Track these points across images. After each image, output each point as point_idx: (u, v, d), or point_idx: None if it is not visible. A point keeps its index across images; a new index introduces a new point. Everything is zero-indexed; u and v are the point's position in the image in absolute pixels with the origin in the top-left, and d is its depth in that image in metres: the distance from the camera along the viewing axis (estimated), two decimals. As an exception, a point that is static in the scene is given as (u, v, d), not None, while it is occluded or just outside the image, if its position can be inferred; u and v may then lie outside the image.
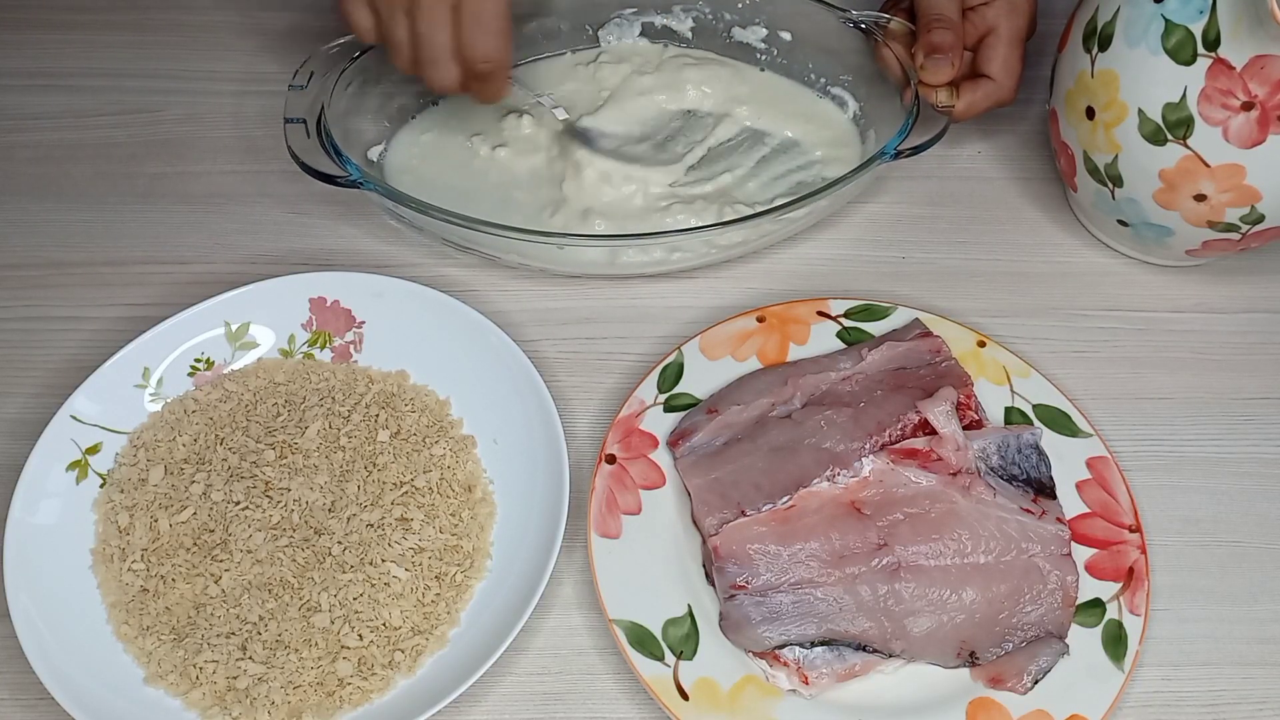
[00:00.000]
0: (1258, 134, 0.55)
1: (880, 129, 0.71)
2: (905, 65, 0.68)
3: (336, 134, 0.64)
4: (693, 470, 0.56)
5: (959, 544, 0.53)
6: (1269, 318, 0.67)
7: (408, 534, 0.55)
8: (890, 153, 0.64)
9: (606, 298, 0.67)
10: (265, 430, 0.58)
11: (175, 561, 0.54)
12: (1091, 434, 0.58)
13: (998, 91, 0.67)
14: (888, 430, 0.56)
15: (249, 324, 0.61)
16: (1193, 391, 0.64)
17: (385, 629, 0.52)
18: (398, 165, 0.71)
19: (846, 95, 0.74)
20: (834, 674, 0.51)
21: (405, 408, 0.60)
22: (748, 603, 0.52)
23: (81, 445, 0.56)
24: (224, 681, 0.51)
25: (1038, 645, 0.51)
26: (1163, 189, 0.60)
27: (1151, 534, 0.57)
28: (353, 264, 0.67)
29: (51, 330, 0.64)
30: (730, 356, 0.61)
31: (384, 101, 0.72)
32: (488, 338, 0.60)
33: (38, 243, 0.69)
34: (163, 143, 0.74)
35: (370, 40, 0.62)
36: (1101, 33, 0.59)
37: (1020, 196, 0.73)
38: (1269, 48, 0.53)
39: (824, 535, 0.53)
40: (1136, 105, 0.58)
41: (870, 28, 0.71)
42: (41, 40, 0.80)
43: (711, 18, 0.77)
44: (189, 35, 0.81)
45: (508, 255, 0.65)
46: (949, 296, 0.67)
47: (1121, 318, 0.67)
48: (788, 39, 0.76)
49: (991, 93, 0.67)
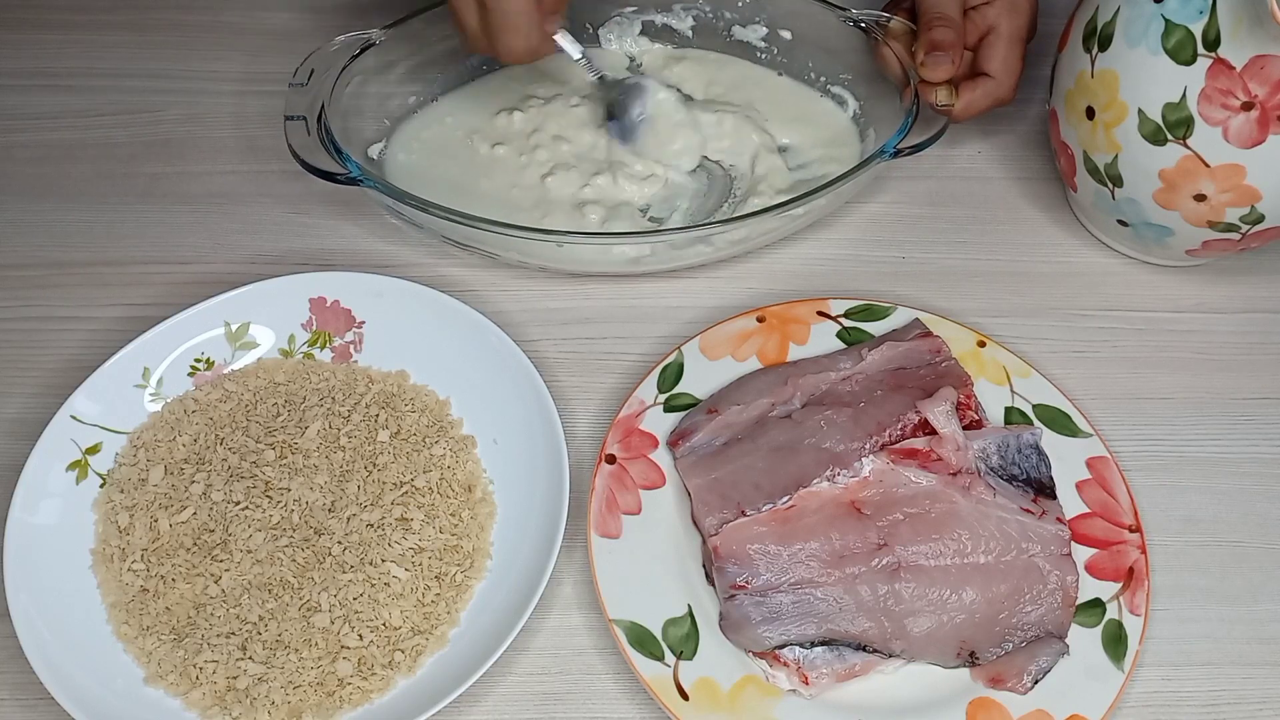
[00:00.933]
0: (1258, 134, 0.55)
1: (880, 128, 0.71)
2: (905, 64, 0.68)
3: (337, 131, 0.65)
4: (693, 470, 0.56)
5: (959, 544, 0.53)
6: (1269, 318, 0.67)
7: (408, 534, 0.55)
8: (889, 151, 0.64)
9: (607, 298, 0.67)
10: (265, 430, 0.58)
11: (175, 561, 0.54)
12: (1091, 434, 0.58)
13: (997, 90, 0.67)
14: (888, 430, 0.56)
15: (249, 324, 0.61)
16: (1193, 391, 0.64)
17: (385, 629, 0.52)
18: (398, 163, 0.71)
19: (846, 94, 0.75)
20: (834, 674, 0.51)
21: (405, 408, 0.60)
22: (748, 603, 0.52)
23: (81, 445, 0.56)
24: (224, 681, 0.51)
25: (1038, 645, 0.51)
26: (1163, 189, 0.60)
27: (1151, 534, 0.57)
28: (353, 264, 0.67)
29: (51, 330, 0.64)
30: (730, 356, 0.61)
31: (384, 99, 0.72)
32: (488, 338, 0.60)
33: (38, 243, 0.69)
34: (163, 143, 0.74)
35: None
36: (1101, 33, 0.59)
37: (1020, 196, 0.73)
38: (1269, 48, 0.53)
39: (824, 535, 0.53)
40: (1136, 105, 0.58)
41: (870, 27, 0.71)
42: (41, 40, 0.80)
43: (712, 16, 0.77)
44: (189, 35, 0.81)
45: (507, 253, 0.65)
46: (949, 296, 0.67)
47: (1121, 318, 0.67)
48: (788, 38, 0.76)
49: (991, 91, 0.67)
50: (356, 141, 0.69)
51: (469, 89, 0.75)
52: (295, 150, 0.63)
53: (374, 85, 0.71)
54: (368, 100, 0.71)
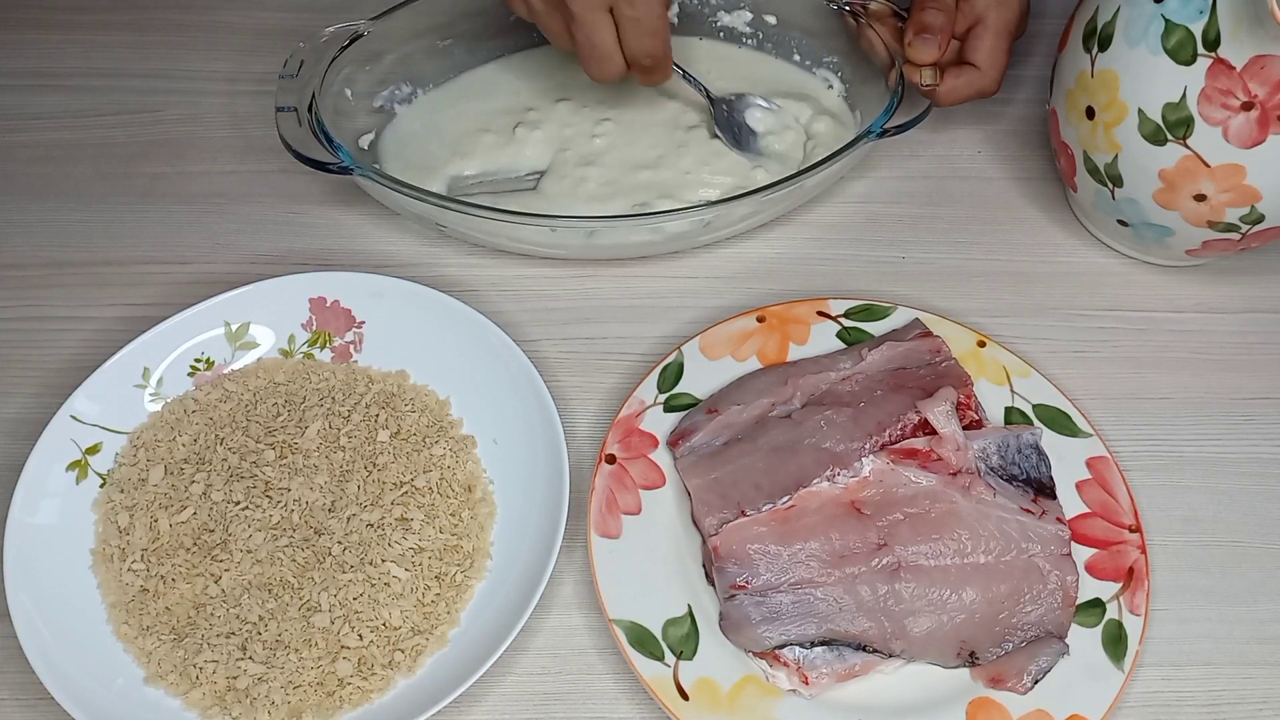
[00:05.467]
0: (1258, 134, 0.55)
1: (866, 109, 0.72)
2: (890, 47, 0.70)
3: (328, 121, 0.65)
4: (693, 470, 0.56)
5: (959, 544, 0.53)
6: (1269, 318, 0.67)
7: (408, 534, 0.55)
8: (876, 131, 0.65)
9: (607, 297, 0.67)
10: (265, 430, 0.58)
11: (175, 561, 0.54)
12: (1091, 434, 0.58)
13: (981, 80, 0.68)
14: (888, 430, 0.56)
15: (249, 324, 0.61)
16: (1193, 391, 0.64)
17: (385, 629, 0.52)
18: (390, 152, 0.71)
19: (833, 77, 0.75)
20: (834, 674, 0.51)
21: (405, 408, 0.60)
22: (748, 603, 0.52)
23: (81, 445, 0.56)
24: (224, 681, 0.51)
25: (1038, 645, 0.51)
26: (1163, 189, 0.60)
27: (1151, 534, 0.57)
28: (353, 264, 0.67)
29: (51, 330, 0.64)
30: (730, 356, 0.61)
31: (375, 89, 0.72)
32: (488, 338, 0.60)
33: (38, 243, 0.69)
34: (162, 143, 0.74)
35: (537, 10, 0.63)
36: (1101, 33, 0.59)
37: (1020, 196, 0.73)
38: (1269, 48, 0.53)
39: (824, 535, 0.53)
40: (1136, 105, 0.58)
41: (855, 9, 0.72)
42: (41, 40, 0.80)
43: (697, 2, 0.77)
44: (189, 35, 0.81)
45: (497, 238, 0.65)
46: (949, 296, 0.67)
47: (1121, 318, 0.67)
48: (773, 22, 0.77)
49: (975, 81, 0.68)
50: (348, 131, 0.69)
51: (461, 81, 0.76)
52: (287, 141, 0.63)
53: (365, 75, 0.71)
54: (359, 90, 0.71)
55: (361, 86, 0.71)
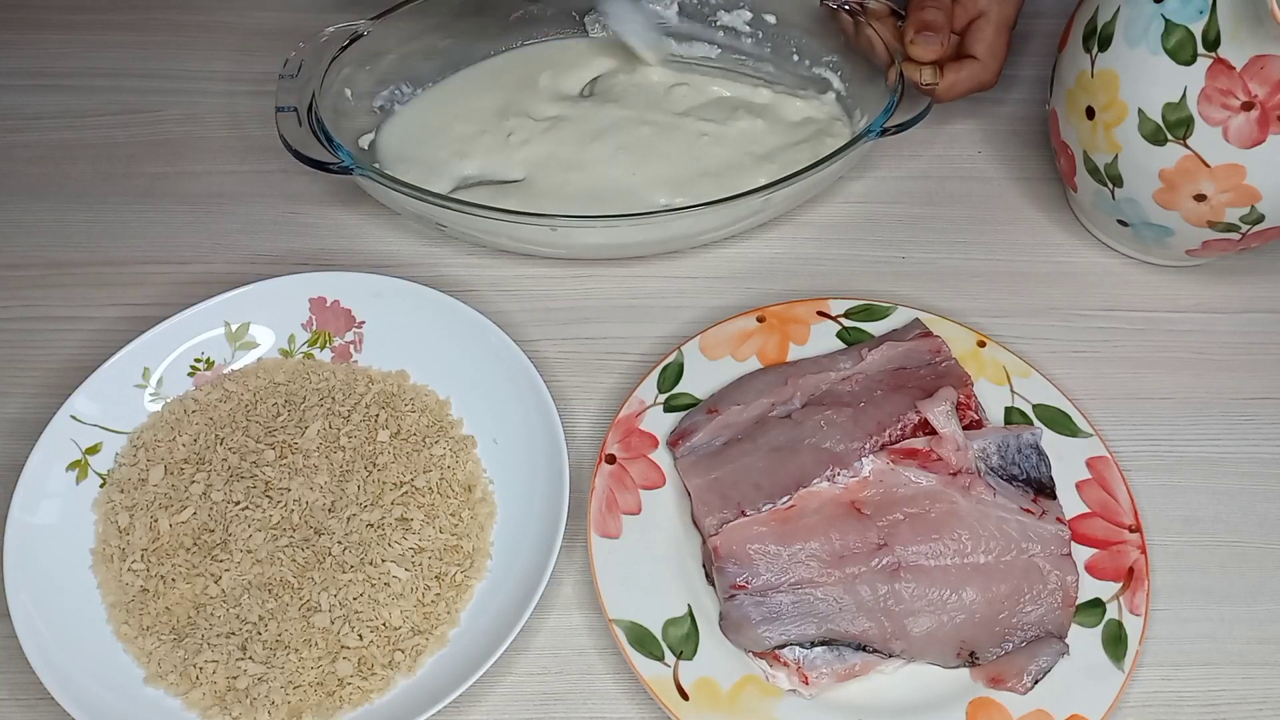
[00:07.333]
0: (1258, 134, 0.55)
1: (866, 109, 0.72)
2: (889, 45, 0.70)
3: (327, 121, 0.65)
4: (693, 470, 0.56)
5: (959, 544, 0.53)
6: (1269, 318, 0.67)
7: (408, 534, 0.55)
8: (876, 130, 0.65)
9: (607, 298, 0.67)
10: (265, 430, 0.58)
11: (175, 561, 0.54)
12: (1091, 434, 0.58)
13: (981, 73, 0.69)
14: (888, 430, 0.56)
15: (249, 324, 0.61)
16: (1193, 391, 0.64)
17: (385, 629, 0.52)
18: (390, 152, 0.71)
19: (832, 76, 0.75)
20: (834, 674, 0.51)
21: (405, 408, 0.60)
22: (748, 603, 0.52)
23: (81, 445, 0.56)
24: (224, 681, 0.51)
25: (1038, 645, 0.51)
26: (1163, 189, 0.60)
27: (1151, 534, 0.57)
28: (353, 264, 0.67)
29: (51, 330, 0.64)
30: (730, 356, 0.61)
31: (375, 89, 0.73)
32: (488, 338, 0.60)
33: (38, 243, 0.69)
34: (162, 143, 0.74)
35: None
36: (1101, 33, 0.59)
37: (1020, 196, 0.73)
38: (1269, 48, 0.53)
39: (824, 535, 0.53)
40: (1136, 105, 0.58)
41: (853, 9, 0.72)
42: (41, 40, 0.80)
43: (697, 2, 0.77)
44: (189, 35, 0.81)
45: (497, 238, 0.65)
46: (949, 296, 0.67)
47: (1121, 318, 0.67)
48: (772, 21, 0.77)
49: (975, 74, 0.69)
50: (348, 131, 0.69)
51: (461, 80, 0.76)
52: (287, 141, 0.63)
53: (365, 74, 0.71)
54: (359, 89, 0.71)
55: (361, 86, 0.71)
